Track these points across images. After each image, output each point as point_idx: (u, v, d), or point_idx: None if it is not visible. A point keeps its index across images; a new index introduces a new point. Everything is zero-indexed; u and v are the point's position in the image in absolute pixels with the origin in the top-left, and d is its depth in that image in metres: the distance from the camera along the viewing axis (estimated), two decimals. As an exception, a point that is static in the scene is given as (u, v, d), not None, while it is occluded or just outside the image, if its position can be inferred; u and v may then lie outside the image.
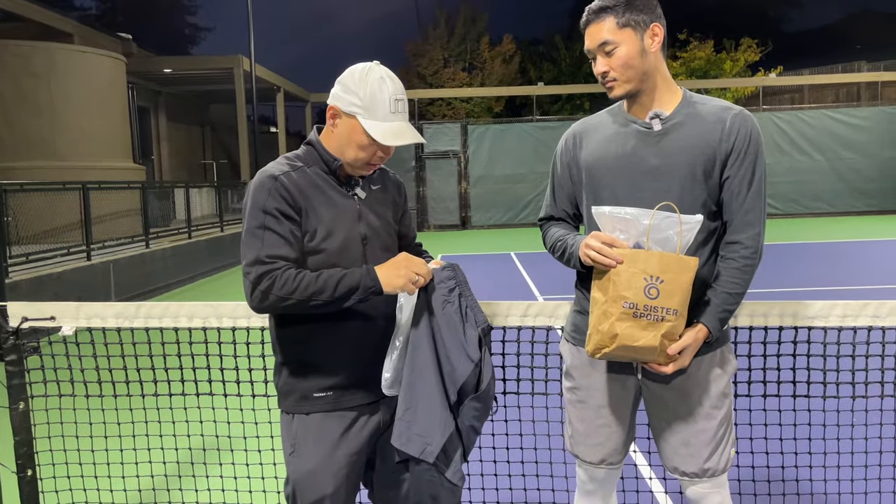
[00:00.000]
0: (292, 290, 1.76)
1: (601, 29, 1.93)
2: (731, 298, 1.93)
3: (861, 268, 11.32)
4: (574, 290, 2.19)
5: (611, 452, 2.12)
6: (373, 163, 1.92)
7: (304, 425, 1.95)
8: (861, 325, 2.48)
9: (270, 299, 1.77)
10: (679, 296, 1.79)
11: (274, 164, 1.93)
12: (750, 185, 1.93)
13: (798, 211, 21.41)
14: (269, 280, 1.76)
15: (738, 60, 29.61)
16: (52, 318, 2.67)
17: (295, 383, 1.95)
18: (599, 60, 1.97)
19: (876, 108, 22.36)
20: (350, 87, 1.86)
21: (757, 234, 1.94)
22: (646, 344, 1.80)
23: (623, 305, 1.79)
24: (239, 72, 18.27)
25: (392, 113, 1.85)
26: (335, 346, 1.93)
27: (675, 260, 1.80)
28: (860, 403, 2.71)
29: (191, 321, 2.68)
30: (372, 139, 1.84)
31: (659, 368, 1.89)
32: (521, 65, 34.90)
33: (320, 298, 1.77)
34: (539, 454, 2.94)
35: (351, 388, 1.95)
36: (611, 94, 1.99)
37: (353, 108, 1.85)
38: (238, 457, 3.15)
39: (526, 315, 2.60)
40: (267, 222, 1.81)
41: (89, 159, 13.18)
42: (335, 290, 1.77)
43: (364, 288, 1.80)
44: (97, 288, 9.27)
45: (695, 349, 1.91)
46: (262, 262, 1.78)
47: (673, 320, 1.80)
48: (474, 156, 22.29)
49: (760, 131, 1.98)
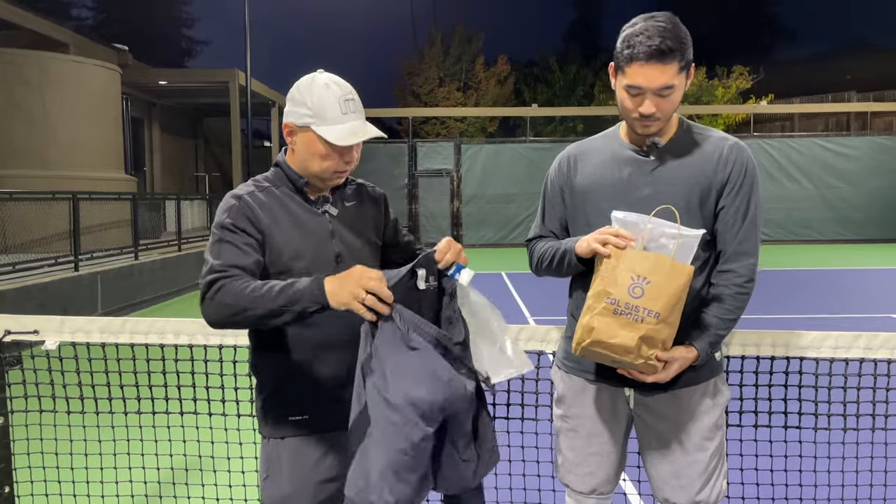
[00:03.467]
0: (236, 296, 1.68)
1: (665, 73, 1.80)
2: (723, 323, 1.91)
3: (850, 296, 11.37)
4: (566, 316, 2.17)
5: (601, 482, 2.09)
6: (340, 170, 1.87)
7: (279, 450, 1.91)
8: (853, 357, 2.47)
9: (215, 307, 1.70)
10: (664, 300, 1.76)
11: (241, 185, 1.92)
12: (745, 217, 1.92)
13: (787, 237, 21.54)
14: (216, 287, 1.71)
15: (730, 87, 29.94)
16: (36, 332, 2.62)
17: (270, 407, 1.92)
18: (650, 101, 1.84)
19: (865, 138, 22.60)
20: (298, 100, 1.83)
21: (751, 265, 1.93)
22: (621, 343, 1.77)
23: (605, 300, 1.79)
24: (234, 85, 18.28)
25: (343, 114, 1.80)
26: (311, 367, 1.88)
27: (669, 264, 1.77)
28: (852, 436, 2.69)
29: (177, 337, 2.64)
30: (329, 145, 1.80)
31: (638, 376, 1.86)
32: (516, 86, 35.16)
33: (262, 306, 1.66)
34: (528, 481, 2.90)
35: (328, 410, 1.90)
36: (646, 131, 1.91)
37: (305, 119, 1.82)
38: (221, 478, 3.10)
39: (517, 339, 2.57)
40: (224, 236, 1.79)
41: (80, 169, 13.10)
42: (276, 297, 1.65)
43: (309, 298, 1.64)
44: (84, 299, 9.17)
45: (680, 367, 1.88)
46: (214, 271, 1.74)
47: (653, 323, 1.76)
48: (467, 175, 22.34)
49: (756, 163, 1.97)
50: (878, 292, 11.75)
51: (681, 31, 1.84)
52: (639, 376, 1.86)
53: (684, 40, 1.83)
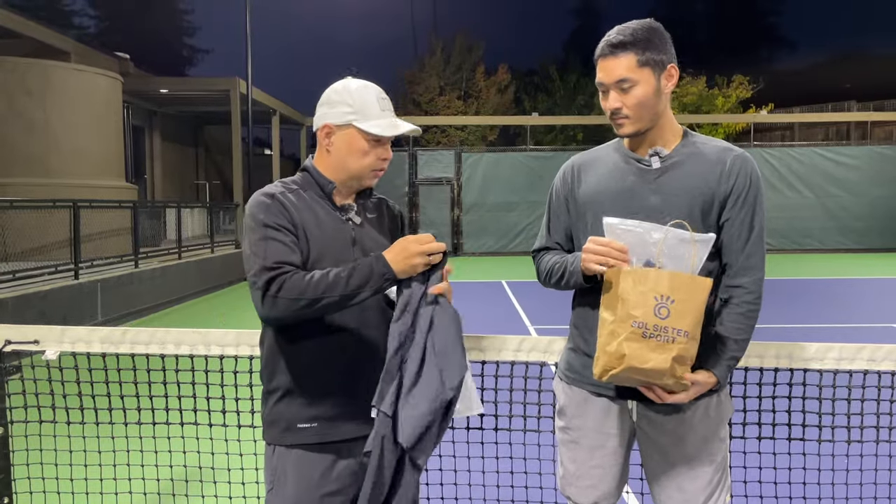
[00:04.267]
0: (303, 289, 1.73)
1: (619, 65, 1.87)
2: (738, 345, 1.90)
3: (852, 306, 11.35)
4: (569, 326, 2.16)
5: (603, 495, 2.07)
6: (377, 168, 1.93)
7: (285, 461, 1.89)
8: (857, 369, 2.46)
9: (281, 303, 1.74)
10: (691, 317, 1.73)
11: (270, 186, 1.95)
12: (751, 229, 1.91)
13: (788, 247, 21.54)
14: (278, 284, 1.74)
15: (730, 97, 29.99)
16: (36, 342, 2.61)
17: (280, 412, 1.90)
18: (612, 96, 1.91)
19: (865, 148, 22.63)
20: (336, 101, 1.91)
21: (759, 280, 1.92)
22: (655, 367, 1.73)
23: (632, 325, 1.73)
24: (235, 94, 18.31)
25: (382, 111, 1.90)
26: (325, 373, 1.88)
27: (688, 280, 1.75)
28: (855, 448, 2.67)
29: (178, 348, 2.63)
30: (373, 138, 1.88)
31: (663, 395, 1.82)
32: (516, 95, 35.24)
33: (334, 294, 1.73)
34: (530, 493, 2.88)
35: (338, 419, 1.89)
36: (619, 130, 1.96)
37: (347, 117, 1.89)
38: (221, 489, 3.08)
39: (519, 350, 2.57)
40: (268, 234, 1.82)
41: (81, 177, 13.11)
42: (347, 282, 1.73)
43: (378, 275, 1.75)
44: (84, 307, 9.16)
45: (699, 391, 1.87)
46: (268, 269, 1.76)
47: (684, 342, 1.73)
48: (468, 183, 22.37)
49: (760, 174, 1.96)
50: (880, 302, 11.74)
51: (646, 30, 1.87)
52: (665, 396, 1.83)
53: (646, 37, 1.86)
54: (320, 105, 1.95)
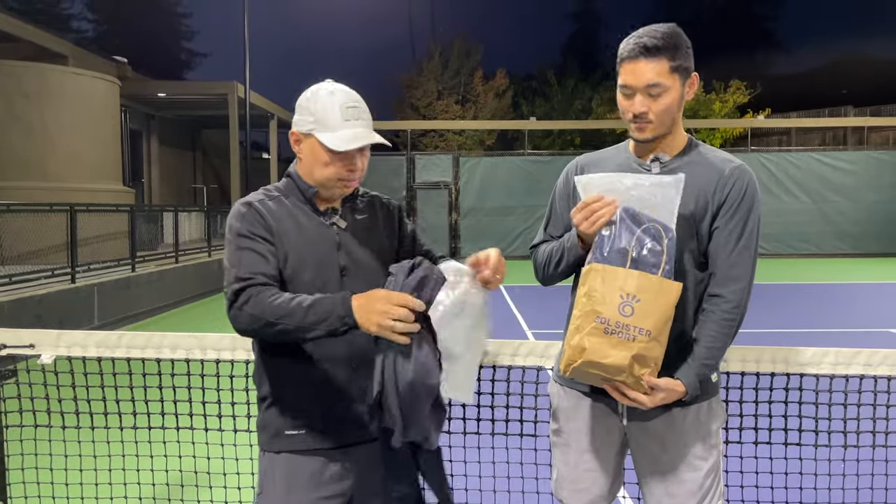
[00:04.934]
0: (264, 309, 1.69)
1: (652, 69, 1.83)
2: (709, 353, 1.88)
3: (848, 311, 11.37)
4: (564, 329, 2.16)
5: (596, 498, 2.07)
6: (343, 178, 1.86)
7: (273, 466, 1.89)
8: (853, 374, 2.47)
9: (243, 318, 1.71)
10: (655, 317, 1.74)
11: (251, 194, 1.93)
12: (738, 240, 1.90)
13: (785, 251, 21.56)
14: (247, 296, 1.71)
15: (727, 102, 30.05)
16: (32, 346, 2.61)
17: (269, 419, 1.90)
18: (639, 100, 1.86)
19: (862, 153, 22.69)
20: (303, 107, 1.86)
21: (741, 290, 1.89)
22: (614, 363, 1.74)
23: (595, 320, 1.75)
24: (233, 98, 18.31)
25: (345, 120, 1.82)
26: (313, 382, 1.86)
27: (657, 282, 1.75)
28: (852, 453, 2.67)
29: (174, 352, 2.63)
30: (330, 151, 1.81)
31: (629, 392, 1.81)
32: (514, 99, 35.30)
33: (290, 323, 1.66)
34: (527, 497, 2.88)
35: (325, 429, 1.87)
36: (639, 135, 1.92)
37: (309, 126, 1.84)
38: (217, 493, 3.07)
39: (516, 354, 2.57)
40: (242, 244, 1.80)
41: (78, 181, 13.10)
42: (307, 314, 1.66)
43: (337, 317, 1.64)
44: (80, 311, 9.14)
45: (665, 399, 1.84)
46: (240, 279, 1.74)
47: (645, 342, 1.74)
48: (465, 187, 22.38)
49: (758, 189, 1.95)
50: (877, 307, 11.75)
51: (675, 35, 1.86)
52: (629, 393, 1.81)
53: (677, 43, 1.85)
54: (295, 109, 1.91)
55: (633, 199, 1.80)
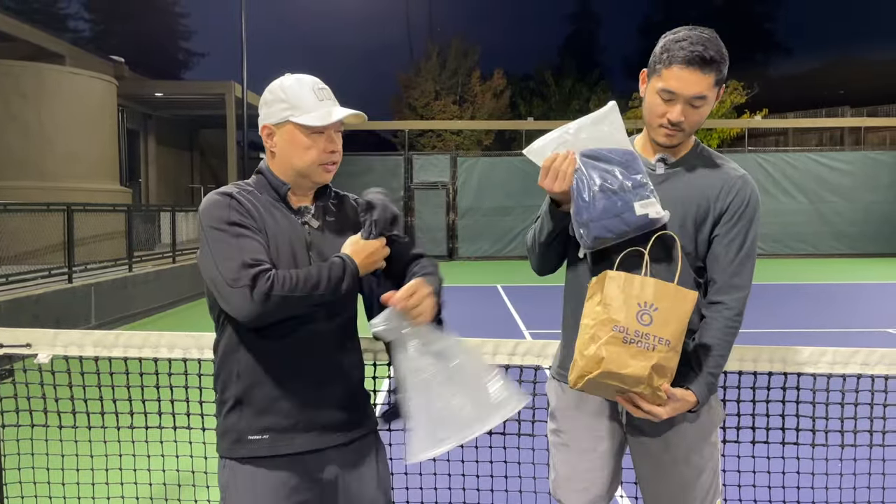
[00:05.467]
0: (293, 285, 1.67)
1: (703, 82, 1.80)
2: (715, 361, 1.88)
3: (846, 311, 11.39)
4: (560, 329, 2.16)
5: (594, 498, 2.07)
6: (324, 162, 1.83)
7: (234, 476, 1.80)
8: (850, 373, 2.47)
9: (273, 299, 1.65)
10: (673, 326, 1.72)
11: (224, 187, 1.87)
12: (740, 249, 1.91)
13: (782, 252, 21.59)
14: (267, 280, 1.65)
15: (725, 102, 30.05)
16: (29, 346, 2.60)
17: (231, 424, 1.81)
18: (680, 109, 1.83)
19: (859, 153, 22.72)
20: (271, 100, 1.84)
21: (742, 298, 1.91)
22: (633, 373, 1.69)
23: (613, 329, 1.71)
24: (230, 98, 18.29)
25: (320, 101, 1.82)
26: (279, 383, 1.79)
27: (673, 290, 1.74)
28: (849, 452, 2.68)
29: (171, 351, 2.62)
30: (312, 130, 1.79)
31: (641, 404, 1.78)
32: (512, 99, 35.29)
33: (321, 289, 1.71)
34: (525, 497, 2.88)
35: (291, 431, 1.80)
36: (668, 140, 1.91)
37: (283, 114, 1.81)
38: (213, 494, 3.06)
39: (514, 354, 2.57)
40: (237, 231, 1.73)
41: (75, 181, 13.08)
42: (329, 278, 1.72)
43: (352, 273, 1.76)
44: (77, 311, 9.12)
45: (676, 409, 1.83)
46: (251, 265, 1.66)
47: (664, 351, 1.71)
48: (463, 187, 22.38)
49: (760, 199, 1.96)
50: (874, 307, 11.78)
51: (722, 45, 1.84)
52: (643, 405, 1.79)
53: (724, 55, 1.84)
54: (259, 108, 1.89)
55: (585, 140, 1.82)
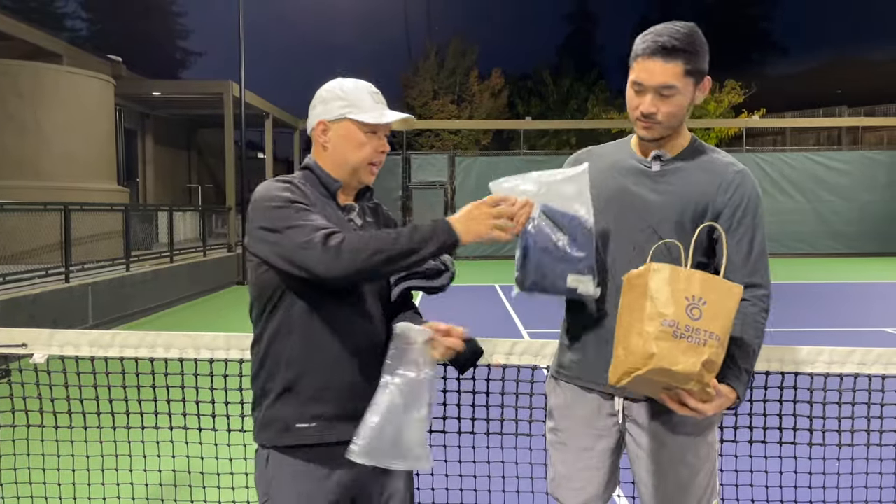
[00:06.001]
0: (366, 242, 1.68)
1: (667, 71, 1.81)
2: (747, 357, 1.84)
3: (843, 310, 11.41)
4: (560, 327, 2.15)
5: (592, 497, 2.07)
6: (374, 161, 1.93)
7: (280, 470, 1.84)
8: (847, 373, 2.47)
9: (345, 256, 1.66)
10: (722, 321, 1.65)
11: (279, 177, 1.91)
12: (751, 247, 1.89)
13: (779, 251, 21.60)
14: (338, 238, 1.68)
15: (722, 102, 30.10)
16: (24, 346, 2.59)
17: (277, 413, 1.84)
18: (649, 99, 1.85)
19: (856, 153, 22.77)
20: (330, 98, 1.92)
21: (764, 296, 1.89)
22: (685, 370, 1.60)
23: (662, 323, 1.61)
24: (228, 97, 18.25)
25: (376, 103, 1.93)
26: (327, 372, 1.84)
27: (719, 283, 1.68)
28: (846, 451, 2.68)
29: (168, 351, 2.62)
30: (368, 129, 1.89)
31: (688, 401, 1.70)
32: (510, 99, 35.32)
33: (395, 247, 1.67)
34: (522, 497, 2.88)
35: (336, 420, 1.84)
36: (645, 133, 1.91)
37: (342, 111, 1.90)
38: (211, 494, 3.06)
39: (511, 353, 2.56)
40: (302, 207, 1.77)
41: (72, 180, 13.05)
42: (411, 236, 1.69)
43: (443, 235, 1.70)
44: (74, 311, 9.11)
45: (722, 405, 1.78)
46: (320, 228, 1.71)
47: (715, 346, 1.63)
48: (461, 187, 22.40)
49: (760, 192, 1.95)
50: (871, 306, 11.79)
51: (694, 37, 1.83)
52: (690, 402, 1.71)
53: (696, 46, 1.82)
54: (313, 106, 1.94)
55: (546, 195, 1.80)
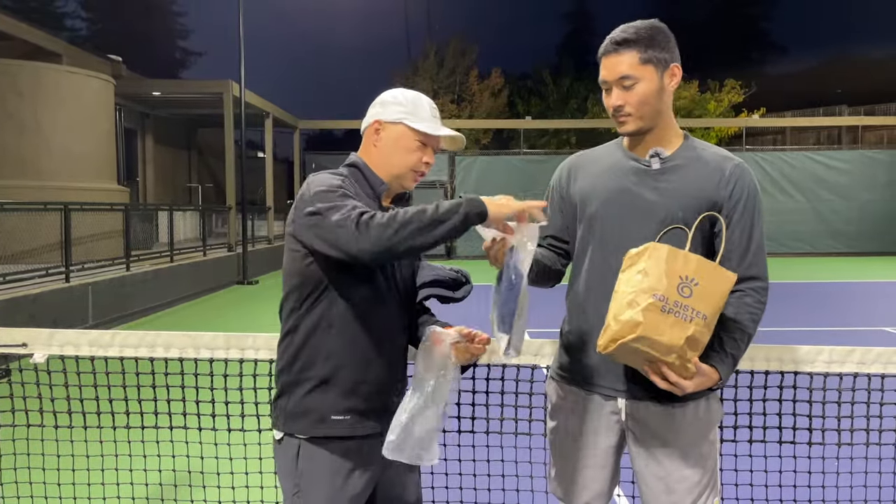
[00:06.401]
0: (392, 217, 1.69)
1: (622, 62, 1.88)
2: (735, 344, 1.88)
3: (842, 310, 11.41)
4: (560, 326, 2.16)
5: (594, 496, 2.07)
6: (418, 170, 1.97)
7: (312, 459, 1.87)
8: (847, 372, 2.47)
9: (373, 231, 1.69)
10: (712, 302, 1.73)
11: (329, 170, 1.96)
12: (750, 239, 1.92)
13: (779, 250, 21.63)
14: (369, 216, 1.71)
15: (722, 101, 30.14)
16: (24, 345, 2.59)
17: (313, 403, 1.87)
18: (615, 93, 1.92)
19: (856, 152, 22.78)
20: (391, 102, 1.98)
21: (761, 288, 1.92)
22: (669, 341, 1.69)
23: (653, 297, 1.70)
24: (228, 97, 18.25)
25: (433, 116, 2.00)
26: (363, 366, 1.88)
27: (713, 268, 1.76)
28: (846, 451, 2.68)
29: (167, 351, 2.62)
30: (422, 136, 1.94)
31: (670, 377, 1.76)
32: (510, 98, 35.34)
33: (422, 218, 1.69)
34: (522, 496, 2.88)
35: (367, 413, 1.90)
36: (622, 128, 1.96)
37: (399, 115, 1.95)
38: (210, 493, 3.06)
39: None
40: (347, 193, 1.82)
41: (72, 180, 13.05)
42: (436, 209, 1.70)
43: (469, 207, 1.72)
44: (74, 311, 9.11)
45: (700, 385, 1.83)
46: (356, 208, 1.75)
47: (701, 325, 1.71)
48: (461, 186, 22.40)
49: (758, 185, 1.97)
50: (871, 305, 11.80)
51: (649, 28, 1.89)
52: (671, 376, 1.77)
53: (650, 35, 1.88)
54: (373, 106, 2.01)
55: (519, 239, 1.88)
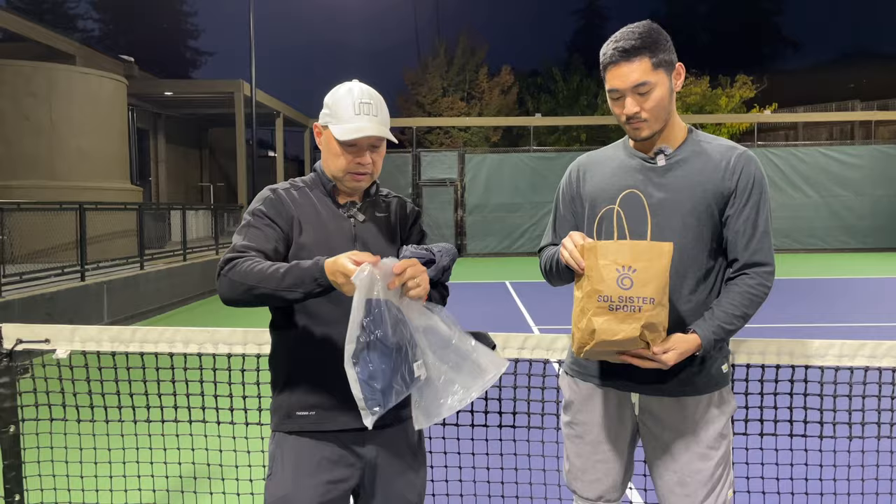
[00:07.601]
0: (244, 276, 1.74)
1: (635, 70, 1.88)
2: (727, 317, 1.91)
3: (855, 305, 11.34)
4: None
5: (608, 489, 2.10)
6: (352, 171, 1.93)
7: (283, 448, 1.94)
8: (858, 366, 2.49)
9: (225, 283, 1.77)
10: (654, 283, 1.77)
11: (280, 183, 2.05)
12: (755, 226, 1.94)
13: (792, 246, 21.50)
14: (231, 266, 1.78)
15: (734, 97, 29.91)
16: (47, 341, 2.65)
17: (282, 400, 1.95)
18: (630, 101, 1.91)
19: (869, 147, 22.59)
20: (325, 102, 1.98)
21: (765, 273, 1.95)
22: (626, 336, 1.78)
23: (598, 300, 1.78)
24: (239, 96, 18.36)
25: (356, 115, 1.90)
26: (324, 364, 1.89)
27: (647, 247, 1.80)
28: (856, 444, 2.69)
29: (186, 346, 2.66)
30: (339, 142, 1.90)
31: (640, 362, 1.83)
32: (519, 96, 35.20)
33: (267, 286, 1.71)
34: (535, 489, 2.91)
35: (335, 409, 1.91)
36: (638, 134, 1.96)
37: (325, 119, 1.95)
38: (229, 486, 3.11)
39: (523, 348, 2.59)
40: (252, 221, 1.91)
41: (87, 180, 13.18)
42: (283, 277, 1.70)
43: (311, 278, 1.67)
44: (90, 309, 9.21)
45: (681, 353, 1.86)
46: (234, 251, 1.83)
47: (650, 309, 1.77)
48: (471, 184, 22.39)
49: (764, 172, 1.99)
50: (884, 301, 11.72)
51: (651, 31, 1.90)
52: (641, 361, 1.84)
53: (655, 39, 1.89)
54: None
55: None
